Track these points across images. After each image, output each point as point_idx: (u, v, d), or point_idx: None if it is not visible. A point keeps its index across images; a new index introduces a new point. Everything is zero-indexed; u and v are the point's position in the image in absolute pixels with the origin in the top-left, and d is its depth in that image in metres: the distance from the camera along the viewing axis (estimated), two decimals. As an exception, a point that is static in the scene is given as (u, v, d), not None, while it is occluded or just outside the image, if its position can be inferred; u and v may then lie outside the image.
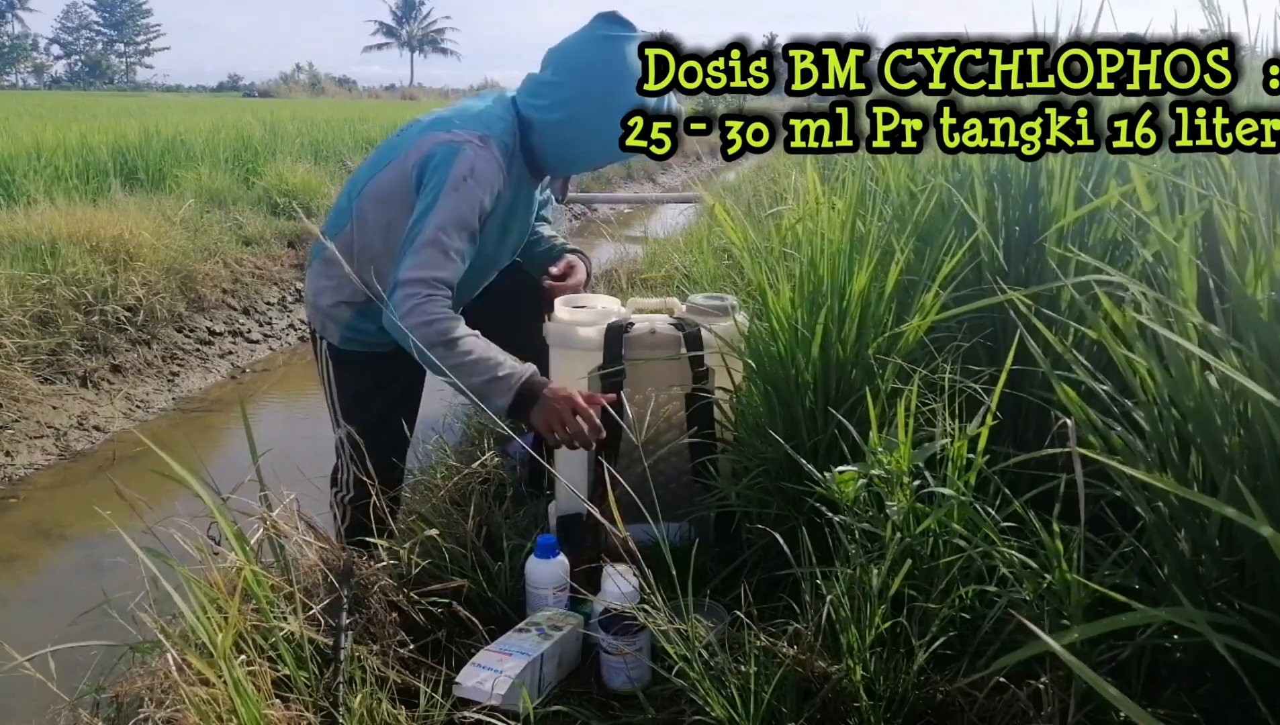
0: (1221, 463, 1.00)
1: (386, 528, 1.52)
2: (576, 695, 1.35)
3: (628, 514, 1.34)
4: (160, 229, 5.93)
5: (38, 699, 1.26)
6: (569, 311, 1.79)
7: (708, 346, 1.69)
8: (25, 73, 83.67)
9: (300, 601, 1.28)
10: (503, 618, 1.50)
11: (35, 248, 5.18)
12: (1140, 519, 1.08)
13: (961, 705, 1.15)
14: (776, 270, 1.63)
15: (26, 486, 3.95)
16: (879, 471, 1.25)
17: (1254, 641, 0.94)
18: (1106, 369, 1.28)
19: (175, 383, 5.21)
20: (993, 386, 1.29)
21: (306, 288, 2.05)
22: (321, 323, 1.99)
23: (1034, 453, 1.13)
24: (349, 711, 1.19)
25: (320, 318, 1.99)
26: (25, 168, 7.28)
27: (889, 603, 1.18)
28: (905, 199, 1.97)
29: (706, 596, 1.47)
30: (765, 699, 1.13)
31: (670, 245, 4.80)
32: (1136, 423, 1.14)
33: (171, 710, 1.14)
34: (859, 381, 1.54)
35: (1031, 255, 1.66)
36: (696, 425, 1.72)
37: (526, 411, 1.65)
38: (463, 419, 3.18)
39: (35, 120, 11.02)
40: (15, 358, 4.47)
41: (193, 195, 7.28)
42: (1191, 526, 1.05)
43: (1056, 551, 1.07)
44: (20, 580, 3.27)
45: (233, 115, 13.08)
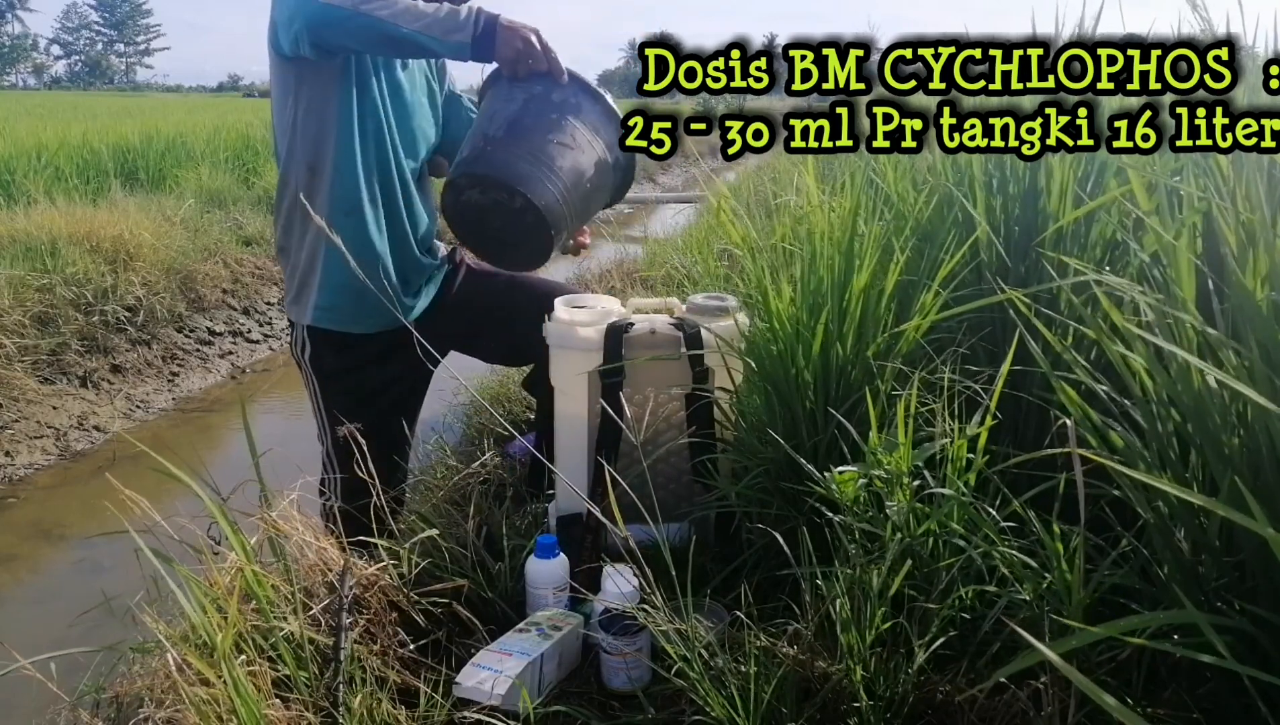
0: (1221, 463, 1.00)
1: (385, 527, 1.52)
2: (576, 695, 1.35)
3: (628, 514, 1.34)
4: (160, 229, 5.94)
5: (38, 699, 1.26)
6: (569, 311, 1.79)
7: (708, 346, 1.69)
8: (25, 73, 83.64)
9: (300, 601, 1.28)
10: (503, 618, 1.50)
11: (35, 248, 5.19)
12: (1140, 519, 1.08)
13: (961, 705, 1.15)
14: (777, 270, 1.63)
15: (26, 486, 3.96)
16: (879, 472, 1.25)
17: (1254, 642, 0.94)
18: (1106, 369, 1.28)
19: (175, 383, 5.21)
20: (992, 387, 1.29)
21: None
22: (295, 297, 1.95)
23: (1034, 453, 1.13)
24: (349, 711, 1.19)
25: (292, 302, 1.96)
26: (26, 168, 7.29)
27: (889, 603, 1.18)
28: (905, 199, 1.97)
29: (706, 596, 1.47)
30: (765, 699, 1.13)
31: (670, 245, 4.80)
32: (1136, 422, 1.14)
33: (171, 710, 1.14)
34: (859, 381, 1.54)
35: (1031, 255, 1.66)
36: (696, 425, 1.72)
37: (490, 43, 1.60)
38: (463, 419, 3.18)
39: (35, 120, 11.03)
40: (15, 358, 4.48)
41: (193, 195, 7.29)
42: (1191, 526, 1.05)
43: (1056, 551, 1.07)
44: (20, 580, 3.27)
45: (233, 115, 13.09)
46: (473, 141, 1.66)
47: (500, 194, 1.60)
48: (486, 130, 1.64)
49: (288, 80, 1.81)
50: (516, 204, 1.59)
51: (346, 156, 1.82)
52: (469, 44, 1.60)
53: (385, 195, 1.89)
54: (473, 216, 1.67)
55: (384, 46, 1.66)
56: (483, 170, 1.60)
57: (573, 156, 1.64)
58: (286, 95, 1.82)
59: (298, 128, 1.82)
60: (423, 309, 2.05)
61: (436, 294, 2.08)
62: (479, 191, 1.61)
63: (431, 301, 2.07)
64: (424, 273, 2.03)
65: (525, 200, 1.58)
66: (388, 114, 1.87)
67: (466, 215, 1.67)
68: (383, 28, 1.58)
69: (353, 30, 1.61)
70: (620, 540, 1.27)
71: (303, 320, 1.94)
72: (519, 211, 1.60)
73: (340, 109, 1.80)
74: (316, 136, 1.81)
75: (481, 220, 1.67)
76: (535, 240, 1.65)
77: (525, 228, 1.62)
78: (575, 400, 1.74)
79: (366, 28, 1.59)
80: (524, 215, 1.60)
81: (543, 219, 1.60)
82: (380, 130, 1.86)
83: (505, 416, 2.92)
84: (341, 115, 1.80)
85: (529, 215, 1.60)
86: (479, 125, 1.68)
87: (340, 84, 1.79)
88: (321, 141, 1.81)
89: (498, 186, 1.59)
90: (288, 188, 1.87)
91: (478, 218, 1.66)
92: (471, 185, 1.62)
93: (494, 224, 1.66)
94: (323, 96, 1.79)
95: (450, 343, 2.08)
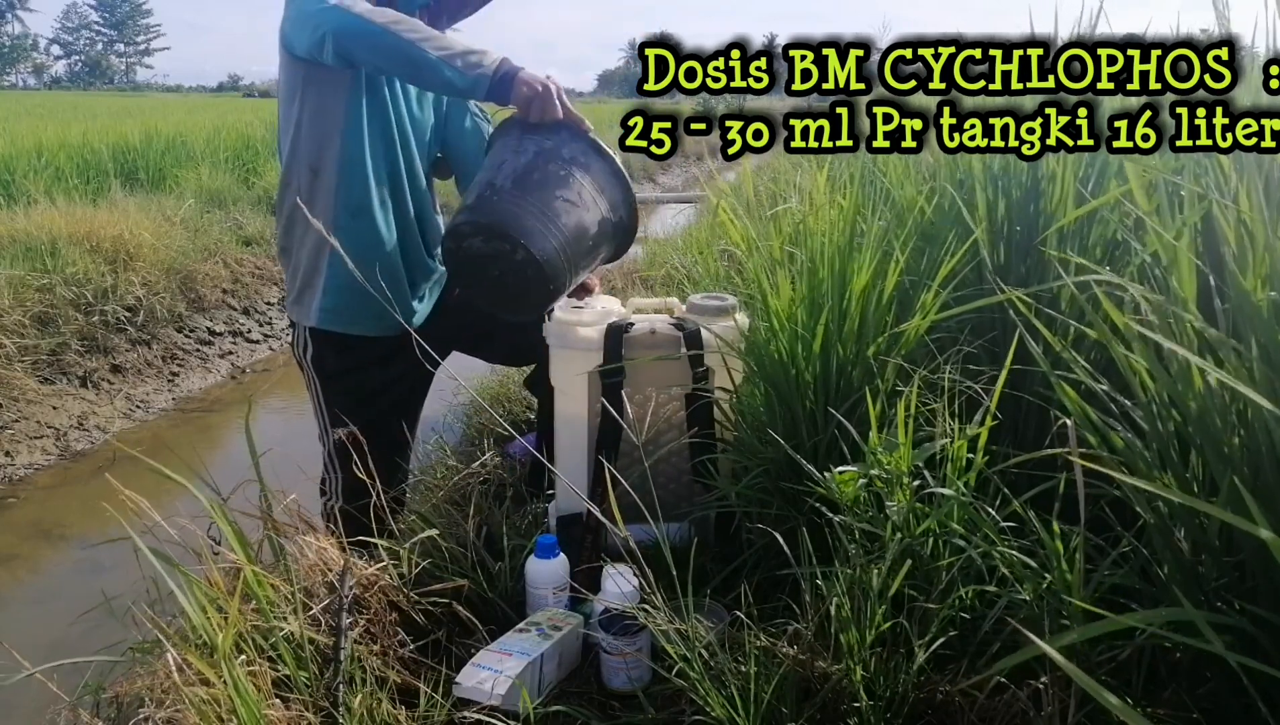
0: (1221, 463, 1.00)
1: (385, 527, 1.52)
2: (576, 695, 1.35)
3: (628, 514, 1.34)
4: (160, 229, 5.94)
5: (38, 699, 1.26)
6: (569, 311, 1.79)
7: (708, 346, 1.69)
8: (25, 73, 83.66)
9: (300, 601, 1.28)
10: (503, 618, 1.50)
11: (35, 248, 5.19)
12: (1140, 519, 1.08)
13: (961, 705, 1.15)
14: (777, 270, 1.63)
15: (26, 486, 3.96)
16: (879, 472, 1.25)
17: (1254, 642, 0.94)
18: (1106, 369, 1.28)
19: (175, 383, 5.21)
20: (993, 387, 1.29)
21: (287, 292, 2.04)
22: (297, 297, 1.94)
23: (1034, 453, 1.13)
24: (349, 711, 1.19)
25: (294, 303, 1.95)
26: (26, 168, 7.29)
27: (889, 603, 1.18)
28: (905, 199, 1.97)
29: (706, 596, 1.47)
30: (765, 699, 1.13)
31: (670, 245, 4.80)
32: (1136, 423, 1.14)
33: (171, 710, 1.14)
34: (859, 381, 1.54)
35: (1032, 255, 1.66)
36: (696, 425, 1.72)
37: (509, 84, 1.62)
38: (463, 419, 3.18)
39: (35, 120, 11.04)
40: (15, 358, 4.48)
41: (193, 195, 7.29)
42: (1191, 526, 1.05)
43: (1056, 551, 1.07)
44: (20, 580, 3.27)
45: (233, 115, 13.09)
46: (479, 189, 1.66)
47: (504, 245, 1.60)
48: (494, 180, 1.65)
49: (295, 79, 1.80)
50: (519, 256, 1.60)
51: (355, 158, 1.82)
52: (489, 79, 1.61)
53: (395, 198, 1.89)
54: (473, 263, 1.67)
55: (405, 69, 1.67)
56: (488, 219, 1.60)
57: (578, 214, 1.64)
58: (293, 94, 1.81)
59: (302, 127, 1.82)
60: (426, 313, 2.05)
61: (439, 297, 2.09)
62: (482, 240, 1.61)
63: (435, 305, 2.07)
64: (430, 276, 2.03)
65: (528, 253, 1.58)
66: (398, 117, 1.87)
67: (466, 261, 1.67)
68: (409, 51, 1.59)
69: (379, 47, 1.62)
70: (620, 540, 1.27)
71: (305, 321, 1.93)
72: (520, 263, 1.60)
73: (349, 110, 1.80)
74: (322, 137, 1.81)
75: (481, 267, 1.67)
76: (534, 292, 1.66)
77: (525, 280, 1.63)
78: (575, 400, 1.74)
79: (393, 47, 1.60)
80: (525, 268, 1.61)
81: (544, 273, 1.61)
82: (389, 133, 1.86)
83: (505, 416, 2.92)
84: (350, 117, 1.80)
85: (530, 269, 1.60)
86: (486, 174, 1.68)
87: (350, 86, 1.79)
88: (326, 142, 1.81)
89: (502, 237, 1.60)
90: (289, 188, 1.87)
91: (478, 265, 1.67)
92: (475, 232, 1.62)
93: (492, 272, 1.66)
94: (331, 98, 1.79)
95: (453, 345, 2.08)
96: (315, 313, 1.91)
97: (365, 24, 1.61)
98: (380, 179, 1.85)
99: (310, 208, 1.77)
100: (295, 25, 1.71)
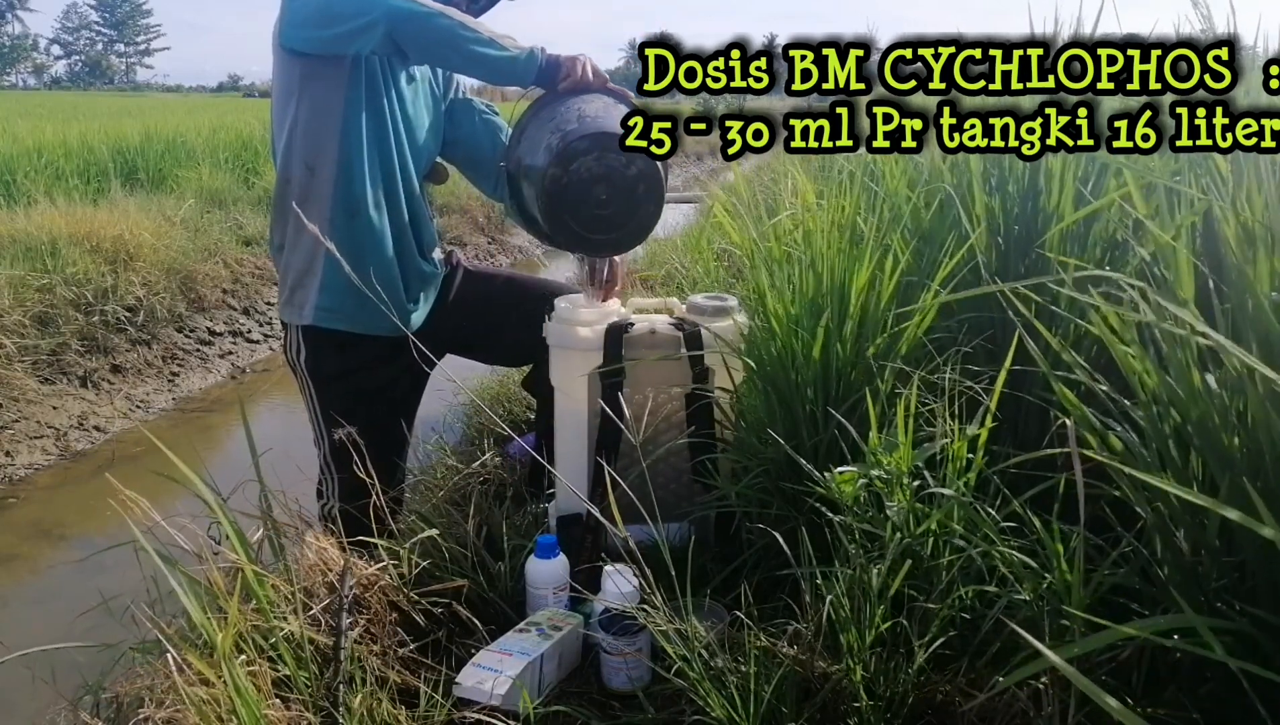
0: (1221, 463, 1.00)
1: (385, 527, 1.52)
2: (576, 695, 1.35)
3: (627, 514, 1.34)
4: (160, 229, 5.94)
5: (38, 699, 1.26)
6: (569, 311, 1.79)
7: (708, 346, 1.69)
8: (25, 73, 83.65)
9: (300, 601, 1.28)
10: (503, 618, 1.50)
11: (35, 248, 5.19)
12: (1140, 519, 1.08)
13: (961, 705, 1.15)
14: (776, 271, 1.63)
15: (26, 486, 3.96)
16: (879, 472, 1.25)
17: (1254, 644, 0.94)
18: (1106, 369, 1.28)
19: (175, 383, 5.21)
20: (993, 388, 1.29)
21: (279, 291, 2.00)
22: (289, 298, 1.93)
23: (1034, 453, 1.13)
24: (349, 711, 1.19)
25: (285, 303, 1.94)
26: (26, 168, 7.29)
27: (889, 603, 1.18)
28: (905, 199, 1.97)
29: (706, 596, 1.46)
30: (765, 699, 1.13)
31: (670, 245, 4.80)
32: (1136, 422, 1.14)
33: (171, 710, 1.14)
34: (859, 382, 1.54)
35: (1031, 256, 1.66)
36: (696, 425, 1.72)
37: (555, 67, 1.71)
38: (463, 419, 3.18)
39: (35, 120, 11.03)
40: (15, 358, 4.48)
41: (193, 195, 7.29)
42: (1191, 527, 1.05)
43: (1056, 551, 1.07)
44: (20, 580, 3.27)
45: (233, 115, 13.09)
46: (560, 128, 1.59)
47: (618, 159, 1.53)
48: (565, 125, 1.59)
49: (292, 78, 1.80)
50: (632, 171, 1.53)
51: (353, 159, 1.81)
52: (538, 61, 1.67)
53: (390, 200, 1.89)
54: (578, 189, 1.57)
55: (452, 55, 1.70)
56: (607, 130, 1.54)
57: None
58: (290, 93, 1.81)
59: (298, 126, 1.81)
60: (424, 316, 2.05)
61: (436, 299, 2.08)
62: (595, 157, 1.53)
63: (431, 307, 2.07)
64: (426, 280, 2.02)
65: (646, 164, 1.52)
66: (395, 120, 1.87)
67: (571, 189, 1.57)
68: (459, 33, 1.62)
69: (430, 29, 1.63)
70: (620, 540, 1.27)
71: (299, 321, 1.91)
72: (632, 180, 1.53)
73: (347, 110, 1.79)
74: (319, 136, 1.80)
75: (585, 194, 1.57)
76: (640, 214, 1.58)
77: (634, 200, 1.55)
78: (575, 400, 1.74)
79: (444, 30, 1.62)
80: (637, 184, 1.54)
81: (657, 188, 1.54)
82: (386, 135, 1.85)
83: (505, 417, 2.92)
84: (348, 117, 1.80)
85: (642, 184, 1.54)
86: (552, 124, 1.63)
87: (348, 86, 1.78)
88: (323, 142, 1.80)
89: (619, 150, 1.50)
90: (285, 186, 1.86)
91: (582, 191, 1.57)
92: (590, 149, 1.54)
93: (599, 196, 1.57)
94: (328, 97, 1.79)
95: (450, 346, 2.08)
96: (311, 312, 1.89)
97: (418, 9, 1.62)
98: (376, 179, 1.85)
99: (306, 206, 1.77)
100: (316, 18, 1.71)
